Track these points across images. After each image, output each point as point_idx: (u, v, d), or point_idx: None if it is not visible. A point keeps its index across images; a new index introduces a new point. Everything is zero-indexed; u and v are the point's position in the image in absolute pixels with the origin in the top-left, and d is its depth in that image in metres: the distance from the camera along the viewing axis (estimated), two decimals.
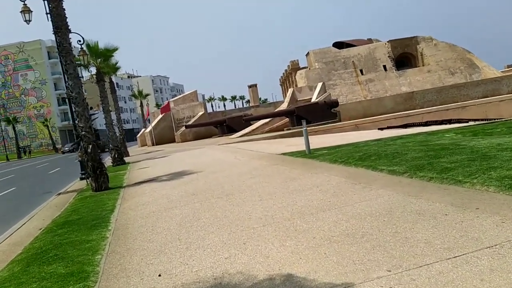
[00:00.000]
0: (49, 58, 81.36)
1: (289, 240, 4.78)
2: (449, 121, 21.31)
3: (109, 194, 11.21)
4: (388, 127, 21.49)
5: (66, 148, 65.14)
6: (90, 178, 12.29)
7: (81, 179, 16.09)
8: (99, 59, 22.37)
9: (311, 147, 12.36)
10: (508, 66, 68.54)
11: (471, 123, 19.46)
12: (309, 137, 19.00)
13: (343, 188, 6.94)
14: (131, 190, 11.32)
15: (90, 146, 12.07)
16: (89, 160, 12.11)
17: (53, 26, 11.94)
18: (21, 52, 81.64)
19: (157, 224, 6.81)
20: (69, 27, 12.16)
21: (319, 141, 16.93)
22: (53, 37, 12.40)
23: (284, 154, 13.28)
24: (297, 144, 16.75)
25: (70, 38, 12.21)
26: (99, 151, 12.28)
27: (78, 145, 12.34)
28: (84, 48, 18.80)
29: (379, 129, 21.75)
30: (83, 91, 12.30)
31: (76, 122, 12.33)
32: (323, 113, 33.83)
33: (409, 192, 5.92)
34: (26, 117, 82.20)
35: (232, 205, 7.17)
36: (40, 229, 8.40)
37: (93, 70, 24.38)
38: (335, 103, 35.31)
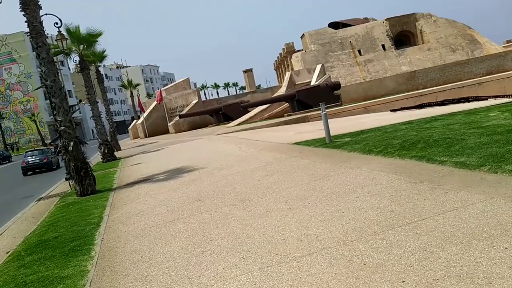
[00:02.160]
0: (33, 50, 78.38)
1: (362, 286, 3.06)
2: (467, 99, 19.65)
3: (95, 200, 9.42)
4: (402, 108, 19.80)
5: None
6: (73, 181, 10.48)
7: (66, 179, 14.25)
8: (82, 46, 20.34)
9: (324, 134, 10.62)
10: (507, 42, 66.97)
11: (491, 100, 17.81)
12: (317, 122, 17.22)
13: (401, 189, 5.21)
14: (122, 194, 9.55)
15: (72, 143, 10.24)
16: (71, 159, 10.29)
17: (20, 1, 9.99)
18: (3, 45, 78.47)
19: (155, 247, 5.06)
20: (39, 3, 10.21)
21: (333, 126, 15.15)
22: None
23: (298, 143, 11.53)
24: (309, 130, 15.01)
25: (41, 17, 10.28)
26: (80, 147, 10.45)
27: (56, 143, 10.43)
28: (63, 32, 16.77)
29: (391, 110, 20.05)
30: (60, 78, 10.42)
31: (53, 115, 10.47)
32: (325, 96, 31.89)
33: None
34: (12, 112, 79.44)
35: (253, 217, 5.43)
36: (8, 252, 6.64)
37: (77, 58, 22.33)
38: (337, 86, 33.50)
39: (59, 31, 16.18)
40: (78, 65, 20.42)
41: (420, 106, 19.74)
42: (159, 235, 5.57)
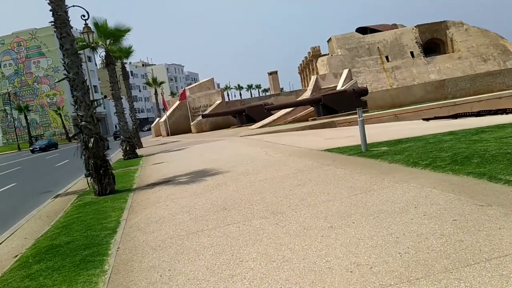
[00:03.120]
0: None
1: None
2: (505, 111, 18.54)
3: (114, 201, 8.89)
4: (436, 118, 18.79)
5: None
6: (92, 179, 9.99)
7: (86, 176, 13.83)
8: (109, 40, 20.04)
9: (356, 141, 9.86)
10: None
11: None
12: (345, 128, 16.41)
13: (465, 213, 4.44)
14: (142, 196, 8.98)
15: (92, 139, 9.75)
16: (91, 157, 9.80)
17: None
18: (33, 38, 79.98)
19: (176, 265, 4.42)
20: None
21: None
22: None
23: (329, 150, 10.78)
24: (338, 136, 14.24)
25: (66, 5, 9.85)
26: (103, 144, 9.95)
27: (79, 138, 9.96)
28: (89, 25, 16.43)
29: (424, 119, 19.08)
30: (83, 71, 9.94)
31: (75, 109, 10.01)
32: (352, 102, 31.01)
33: None
34: (39, 105, 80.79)
35: (288, 235, 4.74)
36: (16, 256, 6.12)
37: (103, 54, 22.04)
38: (365, 91, 32.53)
39: (86, 24, 15.89)
40: (104, 60, 20.11)
41: (455, 116, 18.69)
42: (181, 249, 4.94)
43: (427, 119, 18.89)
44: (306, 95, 38.42)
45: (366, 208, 5.23)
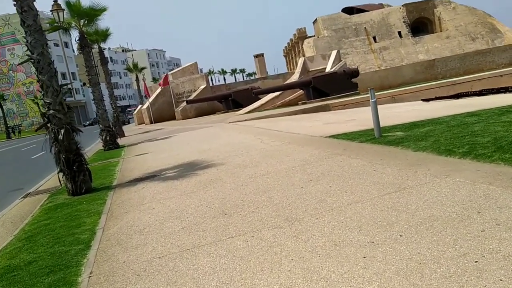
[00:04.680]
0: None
1: None
2: (507, 89, 17.66)
3: (90, 202, 7.59)
4: (437, 98, 17.79)
5: None
6: (63, 176, 8.64)
7: (58, 172, 12.44)
8: (83, 21, 18.36)
9: (360, 125, 8.75)
10: None
11: None
12: (342, 112, 15.43)
13: None
14: (123, 196, 7.70)
15: (62, 130, 8.38)
16: (62, 151, 8.44)
17: None
18: (7, 25, 76.38)
19: None
20: None
21: (366, 117, 13.25)
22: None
23: (334, 136, 9.61)
24: (338, 121, 13.10)
25: None
26: (74, 136, 8.59)
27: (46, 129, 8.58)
28: (61, 5, 14.74)
29: (423, 100, 18.08)
30: (48, 51, 8.51)
31: (42, 96, 8.60)
32: (343, 84, 29.96)
33: None
34: (15, 94, 77.68)
35: (317, 255, 3.56)
36: None
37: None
38: (356, 73, 31.40)
39: (55, 1, 14.22)
40: (78, 42, 18.46)
41: (456, 96, 17.73)
42: (173, 275, 3.73)
43: (427, 100, 17.89)
44: (294, 78, 37.15)
45: (409, 213, 4.08)
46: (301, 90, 31.24)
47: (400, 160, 6.14)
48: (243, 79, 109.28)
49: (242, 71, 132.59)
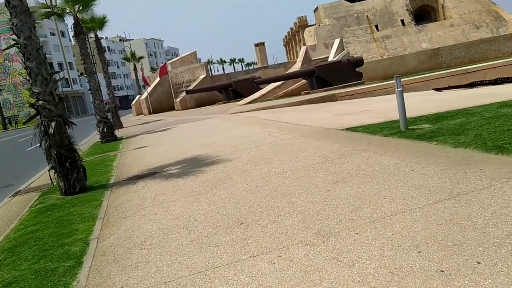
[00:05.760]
0: (33, 20, 74.74)
1: None
2: None
3: (84, 204, 6.78)
4: (450, 87, 16.94)
5: None
6: (55, 174, 7.82)
7: (49, 170, 11.60)
8: (77, 6, 17.38)
9: (377, 117, 7.95)
10: None
11: None
12: (351, 102, 14.65)
13: None
14: (121, 196, 6.89)
15: (53, 123, 7.53)
16: (53, 146, 7.61)
17: None
18: (2, 13, 74.83)
19: None
20: None
21: (378, 107, 12.44)
22: None
23: (352, 129, 8.79)
24: (350, 112, 12.27)
25: None
26: (66, 129, 7.75)
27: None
28: None
29: (435, 90, 17.24)
30: (36, 35, 7.63)
31: (30, 86, 7.73)
32: (347, 73, 29.07)
33: None
34: (11, 84, 76.48)
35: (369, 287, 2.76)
36: None
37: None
38: (360, 62, 30.50)
39: None
40: (73, 30, 17.51)
41: (471, 85, 16.87)
42: None
43: (439, 89, 17.06)
44: (296, 67, 36.21)
45: (478, 229, 3.28)
46: (304, 80, 30.37)
47: (441, 159, 5.32)
48: (242, 68, 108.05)
49: (241, 60, 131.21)
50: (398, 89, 7.38)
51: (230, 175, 6.83)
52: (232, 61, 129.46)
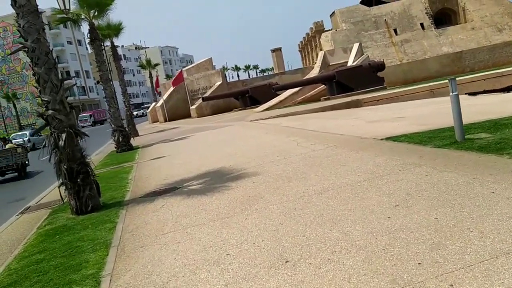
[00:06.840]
0: (50, 29, 75.29)
1: None
2: None
3: (96, 227, 5.99)
4: (485, 91, 15.86)
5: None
6: (66, 191, 7.07)
7: (59, 186, 10.91)
8: (93, 11, 16.84)
9: (416, 124, 7.02)
10: None
11: None
12: (377, 107, 13.69)
13: None
14: (138, 218, 6.08)
15: (64, 135, 6.79)
16: (63, 160, 6.86)
17: None
18: None
19: None
20: None
21: (414, 113, 11.49)
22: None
23: (393, 139, 7.86)
24: (382, 119, 11.34)
25: None
26: (78, 141, 7.01)
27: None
28: None
29: (469, 94, 16.16)
30: (45, 37, 6.92)
31: (38, 93, 7.02)
32: (369, 78, 28.06)
33: None
34: (29, 93, 77.01)
35: None
36: None
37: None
38: (382, 66, 29.49)
39: None
40: (88, 36, 16.96)
41: (508, 89, 15.78)
42: None
43: (473, 93, 15.98)
44: (314, 72, 35.31)
45: None
46: (323, 85, 29.45)
47: None
48: (257, 75, 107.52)
49: (256, 67, 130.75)
50: (454, 93, 6.46)
51: (261, 193, 5.97)
52: (247, 67, 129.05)
